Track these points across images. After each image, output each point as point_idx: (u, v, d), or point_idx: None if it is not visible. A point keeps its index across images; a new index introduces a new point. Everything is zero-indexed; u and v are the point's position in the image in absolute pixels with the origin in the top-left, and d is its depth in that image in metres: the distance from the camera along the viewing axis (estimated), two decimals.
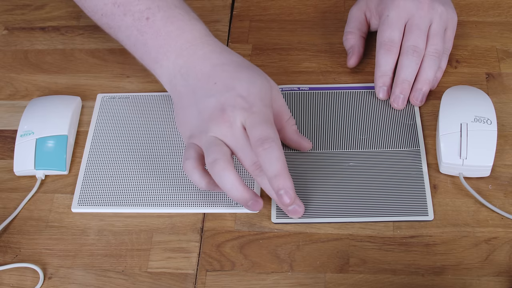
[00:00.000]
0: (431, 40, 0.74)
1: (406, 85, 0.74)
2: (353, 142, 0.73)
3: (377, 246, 0.66)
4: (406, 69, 0.73)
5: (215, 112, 0.66)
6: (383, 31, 0.75)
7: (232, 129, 0.65)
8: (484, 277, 0.64)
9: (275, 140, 0.63)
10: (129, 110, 0.79)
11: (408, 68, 0.73)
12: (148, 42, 0.71)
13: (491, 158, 0.68)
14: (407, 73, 0.74)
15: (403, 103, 0.74)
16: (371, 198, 0.69)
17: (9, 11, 0.92)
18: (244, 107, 0.65)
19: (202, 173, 0.66)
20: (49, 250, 0.69)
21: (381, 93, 0.75)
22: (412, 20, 0.73)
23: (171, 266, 0.67)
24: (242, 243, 0.68)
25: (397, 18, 0.74)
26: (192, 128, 0.68)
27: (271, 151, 0.63)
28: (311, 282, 0.65)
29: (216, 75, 0.68)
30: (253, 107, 0.65)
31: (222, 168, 0.64)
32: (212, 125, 0.66)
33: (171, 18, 0.71)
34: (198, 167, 0.66)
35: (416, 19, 0.73)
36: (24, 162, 0.74)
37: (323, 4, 0.87)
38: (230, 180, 0.64)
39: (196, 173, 0.66)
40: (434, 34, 0.74)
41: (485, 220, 0.67)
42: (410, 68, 0.73)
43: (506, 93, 0.76)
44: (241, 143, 0.65)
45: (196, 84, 0.69)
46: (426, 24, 0.74)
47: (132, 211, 0.71)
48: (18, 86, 0.83)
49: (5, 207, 0.73)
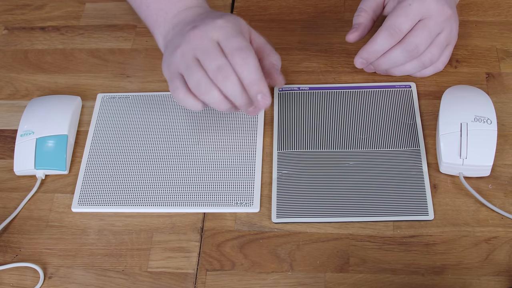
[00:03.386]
0: (432, 48, 0.73)
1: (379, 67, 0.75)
2: (353, 141, 0.73)
3: (377, 246, 0.66)
4: (393, 60, 0.74)
5: (187, 32, 0.69)
6: (398, 16, 0.72)
7: (202, 40, 0.67)
8: (484, 276, 0.64)
9: (251, 50, 0.67)
10: (129, 110, 0.79)
11: (396, 62, 0.74)
12: (150, 5, 0.76)
13: (491, 158, 0.68)
14: (390, 63, 0.74)
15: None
16: (371, 198, 0.69)
17: (9, 11, 0.92)
18: (217, 25, 0.68)
19: (194, 98, 0.68)
20: (49, 249, 0.69)
21: (358, 63, 0.75)
22: (428, 21, 0.72)
23: (171, 266, 0.67)
24: (242, 242, 0.68)
25: (417, 11, 0.72)
26: (170, 56, 0.70)
27: (249, 60, 0.66)
28: (311, 281, 0.65)
29: (199, 19, 0.71)
30: (226, 25, 0.68)
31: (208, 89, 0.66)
32: (184, 43, 0.68)
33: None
34: (188, 92, 0.68)
35: (432, 21, 0.72)
36: (24, 161, 0.74)
37: (323, 4, 0.87)
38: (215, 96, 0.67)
39: (188, 98, 0.68)
40: (438, 44, 0.74)
41: (485, 219, 0.67)
42: (397, 62, 0.74)
43: (506, 93, 0.76)
44: (208, 50, 0.67)
45: (181, 28, 0.72)
46: (437, 31, 0.73)
47: (132, 211, 0.71)
48: (18, 86, 0.83)
49: (5, 207, 0.73)
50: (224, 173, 0.72)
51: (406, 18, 0.72)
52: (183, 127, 0.77)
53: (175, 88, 0.69)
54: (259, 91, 0.66)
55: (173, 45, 0.71)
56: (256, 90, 0.66)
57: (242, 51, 0.66)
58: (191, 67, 0.67)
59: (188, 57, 0.68)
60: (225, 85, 0.66)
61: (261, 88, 0.66)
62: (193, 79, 0.67)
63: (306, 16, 0.86)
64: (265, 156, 0.74)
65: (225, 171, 0.73)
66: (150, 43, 0.85)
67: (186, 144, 0.75)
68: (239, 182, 0.72)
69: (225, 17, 0.70)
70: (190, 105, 0.69)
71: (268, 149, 0.74)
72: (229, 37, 0.67)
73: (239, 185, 0.71)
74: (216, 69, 0.66)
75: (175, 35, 0.72)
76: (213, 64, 0.66)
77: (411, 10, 0.72)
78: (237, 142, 0.75)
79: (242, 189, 0.71)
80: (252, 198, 0.70)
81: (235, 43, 0.67)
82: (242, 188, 0.71)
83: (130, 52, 0.85)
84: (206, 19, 0.70)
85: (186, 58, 0.68)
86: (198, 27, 0.68)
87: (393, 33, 0.72)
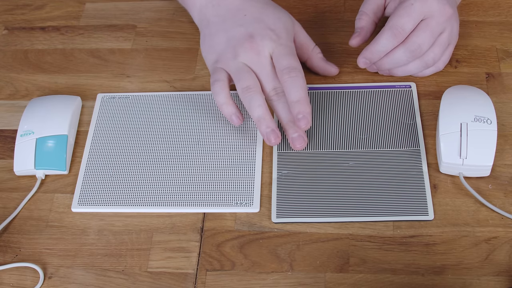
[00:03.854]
0: (435, 48, 0.73)
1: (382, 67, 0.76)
2: (353, 141, 0.73)
3: (377, 246, 0.66)
4: (396, 60, 0.74)
5: (244, 39, 0.73)
6: (400, 16, 0.72)
7: (259, 56, 0.72)
8: (484, 276, 0.64)
9: (300, 71, 0.71)
10: (129, 110, 0.79)
11: (399, 61, 0.74)
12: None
13: (491, 158, 0.68)
14: (393, 63, 0.74)
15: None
16: (371, 198, 0.69)
17: (9, 11, 0.92)
18: (272, 38, 0.73)
19: (228, 96, 0.72)
20: (49, 249, 0.69)
21: (361, 63, 0.75)
22: (430, 20, 0.72)
23: (171, 266, 0.67)
24: (242, 242, 0.68)
25: (419, 11, 0.72)
26: (220, 52, 0.74)
27: (297, 79, 0.71)
28: (311, 281, 0.65)
29: (246, 8, 0.75)
30: (280, 39, 0.73)
31: (255, 93, 0.71)
32: (241, 51, 0.72)
33: None
34: (225, 89, 0.72)
35: (434, 21, 0.72)
36: (24, 161, 0.74)
37: (323, 4, 0.87)
38: (258, 102, 0.71)
39: (222, 94, 0.72)
40: (440, 44, 0.73)
41: (485, 219, 0.67)
42: (400, 62, 0.74)
43: (506, 93, 0.76)
44: (266, 70, 0.72)
45: (226, 14, 0.76)
46: (439, 31, 0.73)
47: (132, 211, 0.71)
48: (18, 86, 0.83)
49: (5, 207, 0.73)
50: (224, 173, 0.72)
51: (409, 18, 0.71)
52: (183, 127, 0.77)
53: (216, 79, 0.72)
54: (302, 111, 0.70)
55: (224, 39, 0.74)
56: (299, 109, 0.70)
57: (292, 71, 0.71)
58: (243, 73, 0.72)
59: (241, 63, 0.72)
60: (278, 107, 0.72)
61: (304, 109, 0.70)
62: (244, 83, 0.71)
63: (306, 16, 0.86)
64: (265, 156, 0.74)
65: (225, 171, 0.73)
66: (150, 43, 0.85)
67: (186, 144, 0.75)
68: (239, 182, 0.72)
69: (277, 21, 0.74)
70: (221, 100, 0.72)
71: (268, 149, 0.74)
72: (281, 53, 0.72)
73: (239, 185, 0.71)
74: (272, 89, 0.72)
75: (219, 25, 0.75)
76: (269, 85, 0.72)
77: (414, 9, 0.71)
78: (237, 142, 0.75)
79: (242, 189, 0.71)
80: (252, 198, 0.70)
81: (286, 62, 0.71)
82: (242, 188, 0.71)
83: (130, 52, 0.85)
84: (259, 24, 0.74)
85: (238, 63, 0.72)
86: (255, 39, 0.72)
87: (396, 33, 0.72)
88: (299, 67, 0.72)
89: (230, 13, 0.76)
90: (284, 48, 0.73)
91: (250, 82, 0.71)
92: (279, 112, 0.72)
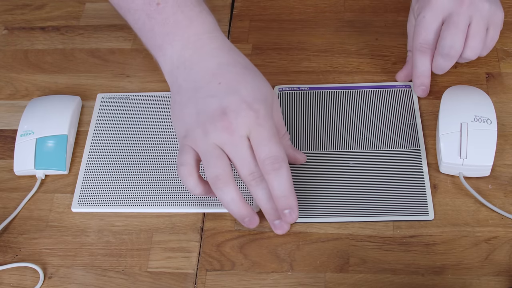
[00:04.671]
0: (470, 42, 0.71)
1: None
2: (353, 141, 0.73)
3: (377, 246, 0.66)
4: (441, 68, 0.73)
5: (216, 115, 0.63)
6: (419, 34, 0.72)
7: (233, 138, 0.62)
8: (484, 276, 0.64)
9: (284, 159, 0.63)
10: (129, 110, 0.79)
11: (444, 67, 0.73)
12: (155, 28, 0.68)
13: (491, 158, 0.68)
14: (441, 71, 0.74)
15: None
16: (370, 198, 0.69)
17: (9, 11, 0.92)
18: (249, 116, 0.63)
19: (197, 181, 0.64)
20: (49, 249, 0.69)
21: (419, 92, 0.75)
22: (450, 18, 0.70)
23: (171, 266, 0.67)
24: (242, 242, 0.68)
25: (433, 19, 0.71)
26: (188, 127, 0.65)
27: (281, 172, 0.62)
28: (311, 281, 0.65)
29: (221, 75, 0.65)
30: (258, 117, 0.63)
31: (224, 184, 0.62)
32: (212, 130, 0.63)
33: (182, 7, 0.68)
34: (194, 174, 0.64)
35: (454, 16, 0.70)
36: (24, 162, 0.74)
37: (323, 4, 0.87)
38: (230, 195, 0.63)
39: (191, 180, 0.64)
40: (474, 35, 0.71)
41: (485, 219, 0.67)
42: (445, 67, 0.73)
43: (506, 93, 0.76)
44: (241, 153, 0.63)
45: (199, 80, 0.66)
46: (465, 22, 0.70)
47: (132, 211, 0.71)
48: (18, 86, 0.83)
49: (5, 207, 0.73)
50: None
51: (426, 32, 0.72)
52: None
53: (183, 162, 0.64)
54: (288, 206, 0.64)
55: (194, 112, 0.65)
56: (285, 204, 0.64)
57: (275, 161, 0.62)
58: (213, 158, 0.63)
59: (211, 145, 0.63)
60: (257, 194, 0.64)
61: (291, 203, 0.64)
62: (213, 172, 0.62)
63: (306, 16, 0.86)
64: None
65: None
66: None
67: None
68: (239, 182, 0.71)
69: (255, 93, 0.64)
70: (190, 185, 0.64)
71: None
72: (261, 137, 0.63)
73: (239, 185, 0.71)
74: (249, 175, 0.63)
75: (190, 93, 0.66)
76: (245, 170, 0.63)
77: (427, 21, 0.72)
78: None
79: (242, 189, 0.71)
80: (252, 198, 0.70)
81: (267, 150, 0.62)
82: (242, 188, 0.71)
83: (130, 52, 0.85)
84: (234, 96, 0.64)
85: (209, 143, 0.63)
86: (228, 116, 0.62)
87: (423, 50, 0.73)
88: (282, 155, 0.63)
89: (203, 80, 0.65)
90: (264, 130, 0.63)
91: (220, 170, 0.62)
92: (259, 199, 0.64)
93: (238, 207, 0.64)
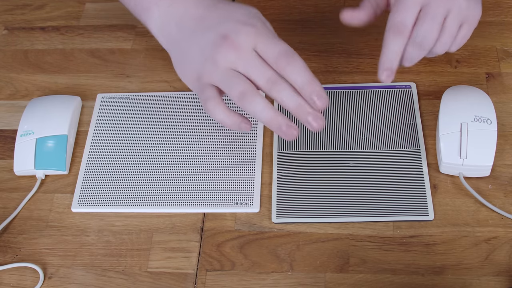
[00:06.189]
0: (442, 37, 0.69)
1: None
2: (353, 141, 0.73)
3: (377, 246, 0.66)
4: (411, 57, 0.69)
5: (218, 42, 0.65)
6: (396, 13, 0.68)
7: (241, 53, 0.64)
8: (484, 276, 0.64)
9: (294, 52, 0.64)
10: (129, 110, 0.79)
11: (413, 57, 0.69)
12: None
13: (491, 158, 0.68)
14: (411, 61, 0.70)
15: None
16: (371, 198, 0.69)
17: (9, 11, 0.92)
18: (248, 31, 0.65)
19: (226, 109, 0.65)
20: (49, 250, 0.69)
21: (384, 76, 0.70)
22: (429, 7, 0.68)
23: (171, 266, 0.67)
24: (242, 243, 0.68)
25: (413, 1, 0.68)
26: (198, 67, 0.66)
27: (296, 62, 0.64)
28: (311, 281, 0.65)
29: (211, 14, 0.68)
30: (258, 29, 0.65)
31: (251, 96, 0.64)
32: (219, 56, 0.64)
33: None
34: (221, 103, 0.65)
35: (433, 6, 0.67)
36: (24, 162, 0.74)
37: (323, 4, 0.87)
38: (261, 104, 0.64)
39: (220, 111, 0.65)
40: (446, 30, 0.68)
41: (485, 220, 0.67)
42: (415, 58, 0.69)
43: (506, 93, 0.76)
44: (253, 64, 0.64)
45: (191, 25, 0.68)
46: (442, 14, 0.68)
47: (132, 211, 0.71)
48: (18, 86, 0.83)
49: (5, 207, 0.73)
50: (224, 173, 0.72)
51: (405, 12, 0.68)
52: (183, 127, 0.77)
53: (206, 98, 0.65)
54: (314, 90, 0.64)
55: (197, 52, 0.67)
56: (311, 90, 0.64)
57: (286, 56, 0.64)
58: (232, 79, 0.64)
59: (225, 70, 0.65)
60: (281, 96, 0.64)
61: (315, 87, 0.64)
62: (236, 90, 0.64)
63: (306, 16, 0.86)
64: (265, 156, 0.74)
65: (225, 171, 0.73)
66: (150, 43, 0.85)
67: (186, 144, 0.75)
68: (239, 182, 0.72)
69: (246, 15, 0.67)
70: (220, 116, 0.65)
71: (268, 149, 0.74)
72: (266, 43, 0.65)
73: (239, 185, 0.71)
74: (267, 81, 0.64)
75: (187, 38, 0.68)
76: (262, 78, 0.64)
77: (407, 2, 0.68)
78: (237, 142, 0.75)
79: (242, 189, 0.71)
80: (252, 198, 0.70)
81: (275, 49, 0.64)
82: (242, 188, 0.71)
83: (130, 52, 0.85)
84: (228, 21, 0.66)
85: (222, 70, 0.65)
86: (229, 37, 0.65)
87: (398, 30, 0.68)
88: (289, 48, 0.65)
89: (195, 24, 0.68)
90: (267, 37, 0.65)
91: (242, 86, 0.64)
92: (283, 100, 0.64)
93: (271, 114, 0.64)
